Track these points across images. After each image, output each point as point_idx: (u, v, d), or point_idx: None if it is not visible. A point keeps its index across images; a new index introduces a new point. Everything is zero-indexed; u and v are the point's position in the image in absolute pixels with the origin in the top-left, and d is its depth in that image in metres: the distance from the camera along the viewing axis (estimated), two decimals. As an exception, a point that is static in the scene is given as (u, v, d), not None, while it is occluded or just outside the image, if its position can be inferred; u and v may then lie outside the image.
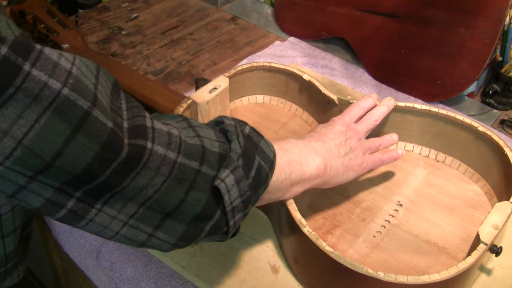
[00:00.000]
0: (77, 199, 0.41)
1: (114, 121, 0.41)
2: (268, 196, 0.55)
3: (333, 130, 0.64)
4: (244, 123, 0.53)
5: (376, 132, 0.78)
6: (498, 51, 0.94)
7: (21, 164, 0.37)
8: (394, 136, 0.72)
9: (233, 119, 0.53)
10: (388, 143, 0.71)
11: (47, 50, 0.38)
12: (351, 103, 0.75)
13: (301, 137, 0.62)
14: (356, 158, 0.65)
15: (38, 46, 0.38)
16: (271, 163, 0.53)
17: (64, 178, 0.39)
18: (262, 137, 0.54)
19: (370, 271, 0.54)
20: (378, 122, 0.70)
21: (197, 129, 0.48)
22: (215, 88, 0.76)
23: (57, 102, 0.37)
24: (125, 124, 0.42)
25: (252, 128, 0.53)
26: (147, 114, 0.45)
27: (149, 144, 0.42)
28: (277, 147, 0.56)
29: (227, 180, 0.47)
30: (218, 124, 0.52)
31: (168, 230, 0.46)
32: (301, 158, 0.58)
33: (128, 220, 0.44)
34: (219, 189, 0.47)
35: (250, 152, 0.50)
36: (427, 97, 0.94)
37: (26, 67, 0.36)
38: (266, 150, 0.53)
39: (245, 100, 0.86)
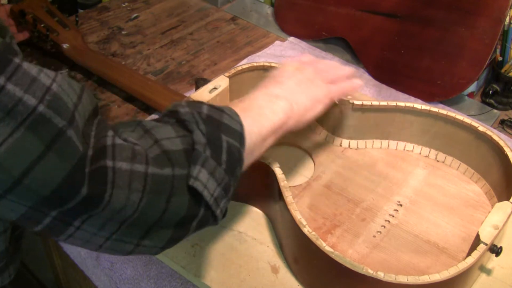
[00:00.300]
0: (53, 217, 0.40)
1: (83, 147, 0.40)
2: (246, 162, 0.53)
3: (288, 69, 0.62)
4: (200, 104, 0.50)
5: (378, 132, 0.78)
6: (498, 51, 0.94)
7: None
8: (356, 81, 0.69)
9: (187, 103, 0.50)
10: (344, 76, 0.69)
11: (26, 65, 0.38)
12: (351, 103, 0.75)
13: (257, 87, 0.60)
14: (319, 88, 0.62)
15: (16, 60, 0.37)
16: (240, 136, 0.50)
17: (33, 198, 0.38)
18: (222, 110, 0.50)
19: (370, 271, 0.54)
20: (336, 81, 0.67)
21: (153, 133, 0.46)
22: (215, 88, 0.76)
23: (31, 118, 0.36)
24: (90, 152, 0.41)
25: (210, 106, 0.50)
26: (109, 133, 0.43)
27: (109, 163, 0.41)
28: (239, 110, 0.52)
29: (201, 176, 0.45)
30: (173, 114, 0.49)
31: (155, 237, 0.45)
32: (264, 110, 0.55)
33: (110, 235, 0.43)
34: (196, 190, 0.45)
35: (215, 136, 0.47)
36: (427, 97, 0.94)
37: (1, 81, 0.36)
38: (232, 124, 0.50)
39: (245, 100, 0.86)
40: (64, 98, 0.38)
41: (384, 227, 0.67)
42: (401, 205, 0.71)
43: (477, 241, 0.59)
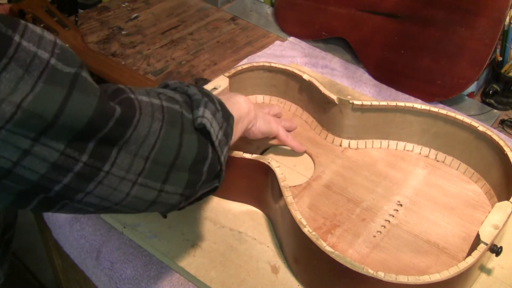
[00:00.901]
0: (84, 162, 0.41)
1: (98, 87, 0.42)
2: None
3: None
4: (183, 83, 0.57)
5: (377, 132, 0.78)
6: (498, 51, 0.94)
7: (23, 126, 0.37)
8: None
9: (173, 81, 0.56)
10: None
11: (31, 25, 0.39)
12: (351, 103, 0.75)
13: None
14: (268, 116, 0.72)
15: (22, 21, 0.39)
16: (220, 100, 0.56)
17: (67, 136, 0.39)
18: (207, 91, 0.57)
19: (370, 271, 0.54)
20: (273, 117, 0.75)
21: (154, 90, 0.50)
22: (215, 88, 0.76)
23: (47, 71, 0.38)
24: (108, 91, 0.45)
25: (191, 85, 0.56)
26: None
27: (132, 95, 0.45)
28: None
29: (206, 114, 0.50)
30: (165, 87, 0.55)
31: (175, 181, 0.48)
32: (230, 101, 0.61)
33: (137, 178, 0.45)
34: (204, 126, 0.50)
35: (206, 92, 0.54)
36: (427, 97, 0.94)
37: (17, 38, 0.37)
38: (212, 94, 0.56)
39: (245, 100, 0.86)
40: (69, 50, 0.41)
41: (384, 227, 0.67)
42: (401, 205, 0.71)
43: (477, 241, 0.59)
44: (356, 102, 0.75)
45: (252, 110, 0.66)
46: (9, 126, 0.37)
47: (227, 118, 0.55)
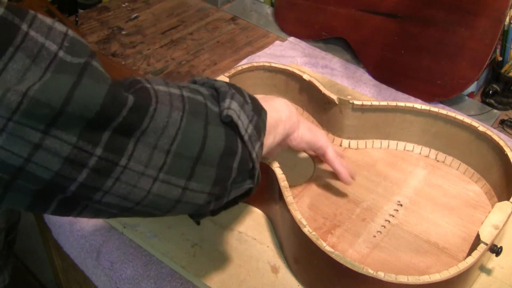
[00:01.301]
0: (99, 156, 0.38)
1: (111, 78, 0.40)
2: (265, 137, 0.53)
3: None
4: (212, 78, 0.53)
5: (378, 132, 0.78)
6: (498, 51, 0.94)
7: (31, 116, 0.35)
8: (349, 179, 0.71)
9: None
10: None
11: (40, 15, 0.38)
12: (351, 103, 0.75)
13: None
14: (314, 126, 0.67)
15: (31, 11, 0.38)
16: (254, 96, 0.52)
17: (78, 126, 0.37)
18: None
19: (370, 271, 0.54)
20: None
21: (176, 83, 0.48)
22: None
23: (55, 64, 0.36)
24: (125, 82, 0.42)
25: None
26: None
27: (148, 85, 0.42)
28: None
29: (233, 106, 0.46)
30: (191, 82, 0.52)
31: (201, 177, 0.44)
32: (269, 102, 0.57)
33: (158, 174, 0.41)
34: (231, 118, 0.46)
35: (235, 85, 0.50)
36: (427, 97, 0.94)
37: (24, 27, 0.36)
38: (244, 90, 0.53)
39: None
40: (81, 40, 0.39)
41: (384, 227, 0.67)
42: (401, 205, 0.71)
43: (477, 241, 0.59)
44: (356, 102, 0.75)
45: (295, 114, 0.61)
46: (17, 117, 0.35)
47: (258, 111, 0.50)
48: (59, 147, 0.36)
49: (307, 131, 0.64)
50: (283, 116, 0.58)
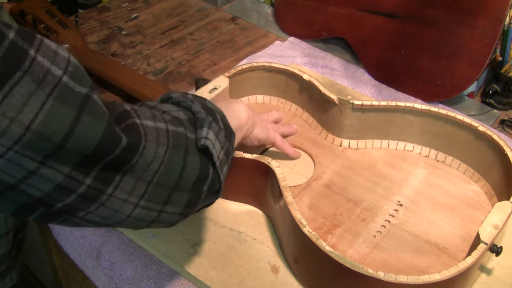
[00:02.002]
0: (88, 185, 0.41)
1: (107, 110, 0.42)
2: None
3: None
4: (184, 92, 0.56)
5: (378, 132, 0.78)
6: (498, 51, 0.94)
7: (31, 148, 0.37)
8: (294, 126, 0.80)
9: (176, 92, 0.56)
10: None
11: (46, 40, 0.39)
12: (351, 103, 0.75)
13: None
14: (266, 122, 0.72)
15: (38, 35, 0.39)
16: (223, 113, 0.56)
17: (74, 159, 0.39)
18: (204, 98, 0.57)
19: (370, 271, 0.54)
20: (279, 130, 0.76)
21: (158, 107, 0.51)
22: (215, 88, 0.76)
23: (58, 88, 0.38)
24: (113, 114, 0.44)
25: (192, 94, 0.57)
26: (120, 105, 0.47)
27: (137, 121, 0.45)
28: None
29: (210, 136, 0.50)
30: (167, 99, 0.55)
31: (175, 202, 0.48)
32: (230, 109, 0.62)
33: (138, 201, 0.45)
34: (207, 147, 0.50)
35: (210, 108, 0.54)
36: (427, 97, 0.94)
37: (32, 52, 0.37)
38: (215, 107, 0.56)
39: (245, 100, 0.86)
40: (82, 69, 0.41)
41: (384, 227, 0.67)
42: (401, 205, 0.71)
43: (477, 240, 0.59)
44: (356, 102, 0.75)
45: (251, 118, 0.66)
46: (17, 148, 0.36)
47: (229, 137, 0.55)
48: (53, 176, 0.39)
49: (260, 130, 0.69)
50: (242, 122, 0.63)
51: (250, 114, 0.66)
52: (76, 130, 0.38)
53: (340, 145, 0.79)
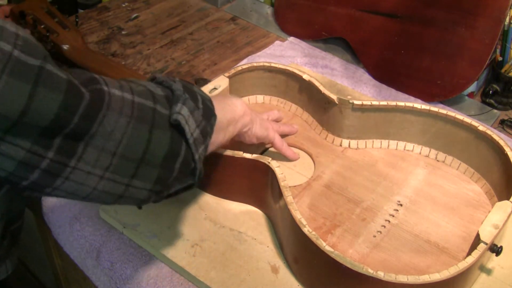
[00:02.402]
0: (50, 159, 0.41)
1: (67, 75, 0.42)
2: (215, 136, 0.58)
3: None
4: (172, 78, 0.56)
5: (378, 132, 0.78)
6: (498, 51, 0.94)
7: None
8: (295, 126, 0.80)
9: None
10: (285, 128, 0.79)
11: None
12: (351, 103, 0.75)
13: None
14: (266, 121, 0.72)
15: None
16: (209, 98, 0.56)
17: (33, 133, 0.39)
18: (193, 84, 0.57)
19: (370, 271, 0.54)
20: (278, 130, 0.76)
21: (137, 81, 0.51)
22: (215, 88, 0.76)
23: (10, 64, 0.38)
24: (77, 80, 0.44)
25: (180, 80, 0.56)
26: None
27: (105, 88, 0.45)
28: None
29: (183, 111, 0.50)
30: (151, 79, 0.55)
31: (143, 176, 0.48)
32: (226, 102, 0.62)
33: (103, 173, 0.45)
34: (179, 123, 0.50)
35: (191, 89, 0.54)
36: (427, 97, 0.94)
37: None
38: (201, 91, 0.56)
39: (245, 100, 0.86)
40: (33, 40, 0.40)
41: (384, 227, 0.67)
42: (401, 205, 0.71)
43: (477, 240, 0.59)
44: (356, 102, 0.75)
45: (248, 114, 0.66)
46: None
47: (208, 117, 0.54)
48: (14, 152, 0.39)
49: (259, 128, 0.69)
50: (236, 115, 0.63)
51: (248, 110, 0.66)
52: (33, 104, 0.38)
53: (340, 145, 0.79)
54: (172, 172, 0.51)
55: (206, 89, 0.75)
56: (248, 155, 0.66)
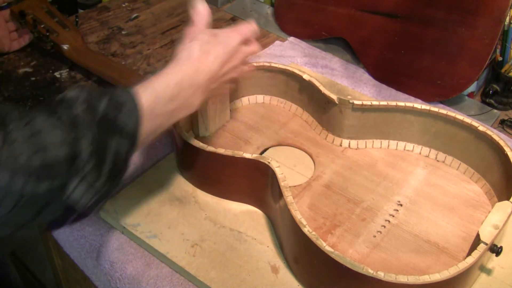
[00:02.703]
0: None
1: None
2: (151, 127, 0.55)
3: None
4: (101, 97, 0.50)
5: (378, 132, 0.78)
6: (498, 51, 0.94)
7: None
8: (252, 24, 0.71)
9: (89, 92, 0.50)
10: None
11: None
12: (351, 103, 0.75)
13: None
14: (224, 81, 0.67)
15: None
16: (132, 135, 0.51)
17: None
18: (122, 104, 0.51)
19: (370, 271, 0.54)
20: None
21: (42, 136, 0.45)
22: (215, 88, 0.76)
23: None
24: None
25: (109, 101, 0.51)
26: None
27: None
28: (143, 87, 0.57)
29: (76, 193, 0.47)
30: (69, 106, 0.49)
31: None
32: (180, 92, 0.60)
33: None
34: (70, 205, 0.48)
35: (103, 144, 0.49)
36: (427, 97, 0.94)
37: None
38: (128, 121, 0.51)
39: (245, 100, 0.86)
40: None
41: (384, 227, 0.67)
42: (401, 205, 0.71)
43: (477, 240, 0.59)
44: (356, 102, 0.75)
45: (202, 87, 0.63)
46: None
47: (114, 177, 0.51)
48: None
49: (214, 60, 0.66)
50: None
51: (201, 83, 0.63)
52: None
53: (340, 145, 0.79)
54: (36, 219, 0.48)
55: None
56: (248, 155, 0.66)
